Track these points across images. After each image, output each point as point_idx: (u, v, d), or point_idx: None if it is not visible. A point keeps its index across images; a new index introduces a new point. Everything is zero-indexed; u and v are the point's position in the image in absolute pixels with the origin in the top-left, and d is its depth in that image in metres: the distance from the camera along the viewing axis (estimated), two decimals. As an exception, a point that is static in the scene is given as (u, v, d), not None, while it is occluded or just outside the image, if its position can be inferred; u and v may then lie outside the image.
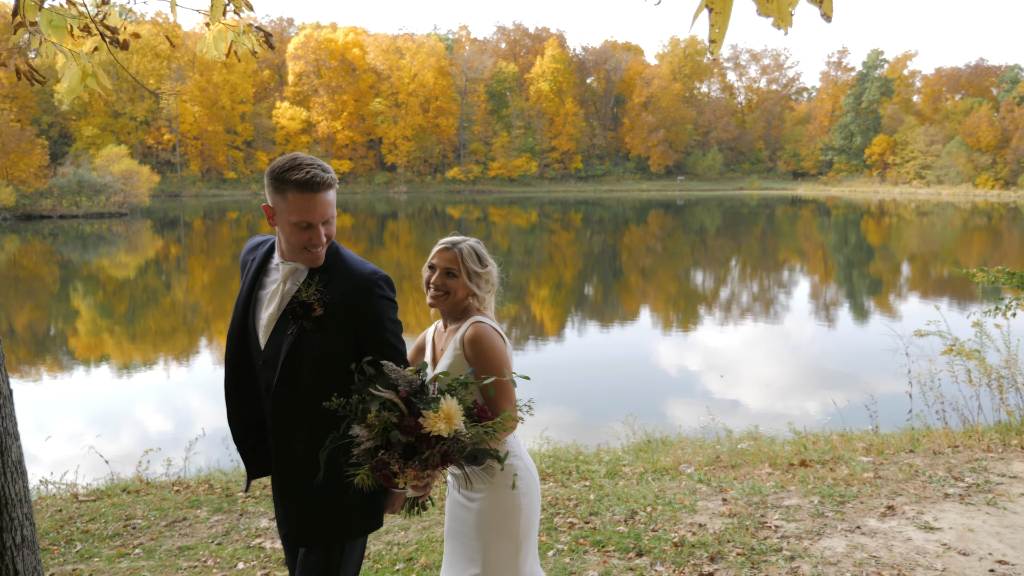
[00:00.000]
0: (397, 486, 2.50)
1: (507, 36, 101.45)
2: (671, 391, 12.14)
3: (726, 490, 5.48)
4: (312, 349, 2.56)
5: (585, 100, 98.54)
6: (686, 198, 79.17)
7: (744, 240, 41.58)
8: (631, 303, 22.31)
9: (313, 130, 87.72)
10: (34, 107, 72.50)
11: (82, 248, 37.80)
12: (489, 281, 3.02)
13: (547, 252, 36.38)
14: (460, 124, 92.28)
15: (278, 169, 2.48)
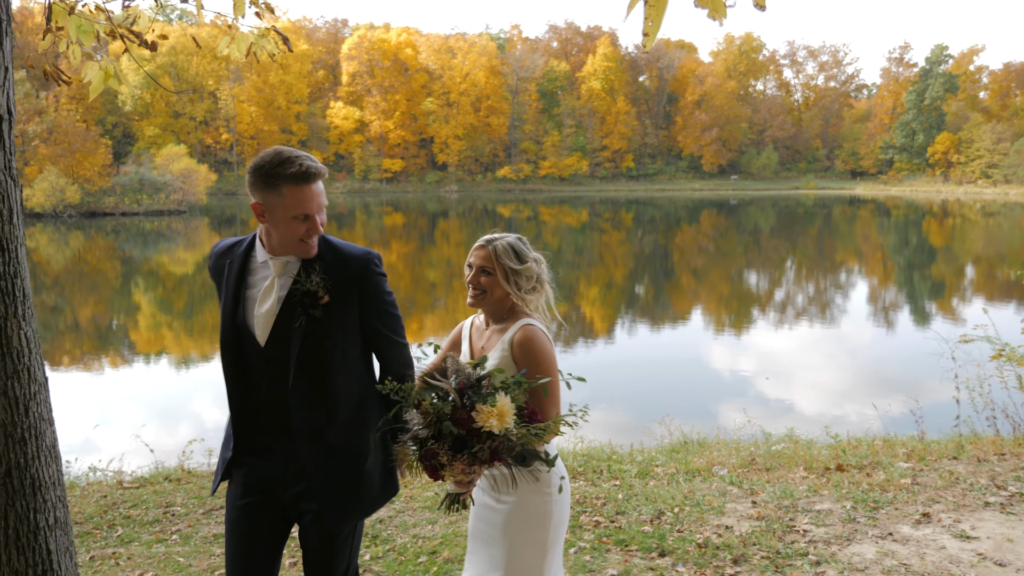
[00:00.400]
0: (442, 478, 2.51)
1: (559, 35, 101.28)
2: (717, 393, 11.99)
3: (757, 492, 5.40)
4: (327, 335, 2.62)
5: (637, 98, 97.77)
6: (739, 198, 77.93)
7: (799, 241, 40.73)
8: (682, 304, 22.07)
9: (366, 129, 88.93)
10: (99, 108, 75.13)
11: (143, 245, 38.99)
12: (530, 278, 2.92)
13: (597, 252, 36.22)
14: (511, 123, 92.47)
15: (268, 165, 2.48)
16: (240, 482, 2.76)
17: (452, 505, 2.68)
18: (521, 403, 2.56)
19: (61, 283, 26.62)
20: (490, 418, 2.43)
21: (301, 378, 2.62)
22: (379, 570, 4.50)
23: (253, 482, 2.73)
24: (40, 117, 51.98)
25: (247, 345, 2.66)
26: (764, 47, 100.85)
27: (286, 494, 2.74)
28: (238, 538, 2.74)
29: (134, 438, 7.67)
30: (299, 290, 2.58)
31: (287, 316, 2.60)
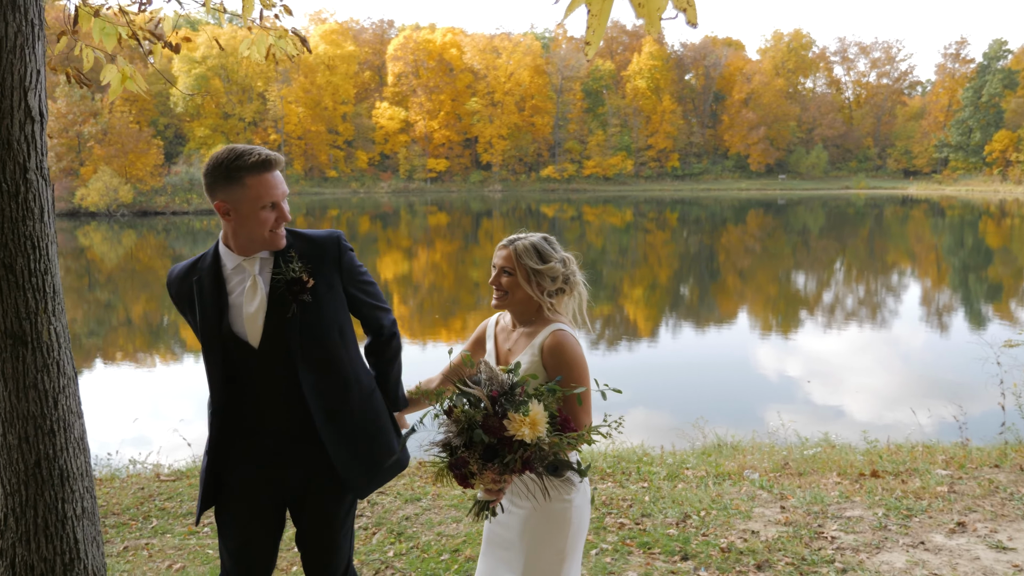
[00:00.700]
0: (472, 487, 2.48)
1: (604, 34, 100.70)
2: (760, 396, 11.81)
3: (787, 498, 5.31)
4: (320, 316, 2.65)
5: (683, 97, 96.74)
6: (787, 197, 76.56)
7: (850, 241, 39.84)
8: (728, 305, 21.79)
9: (411, 129, 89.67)
10: (152, 110, 77.18)
11: (192, 243, 39.88)
12: (555, 279, 2.83)
13: (642, 252, 35.97)
14: (555, 123, 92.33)
15: (226, 160, 2.49)
16: (236, 489, 2.75)
17: (481, 512, 2.65)
18: (554, 411, 2.52)
19: (114, 280, 27.41)
20: (522, 427, 2.40)
21: (307, 367, 2.63)
22: (401, 567, 4.53)
23: (251, 486, 2.73)
24: (95, 119, 53.55)
25: (237, 353, 2.64)
26: (814, 44, 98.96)
27: (288, 490, 2.76)
28: (241, 544, 2.78)
29: (173, 432, 7.85)
30: (283, 280, 2.59)
31: (277, 311, 2.61)
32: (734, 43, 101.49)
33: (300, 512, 2.81)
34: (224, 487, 2.75)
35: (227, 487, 2.75)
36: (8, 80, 3.25)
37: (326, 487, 2.75)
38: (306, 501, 2.77)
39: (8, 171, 3.29)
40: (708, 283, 26.30)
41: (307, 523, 2.81)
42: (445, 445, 2.48)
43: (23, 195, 3.33)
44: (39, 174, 3.41)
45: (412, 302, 22.60)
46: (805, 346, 15.48)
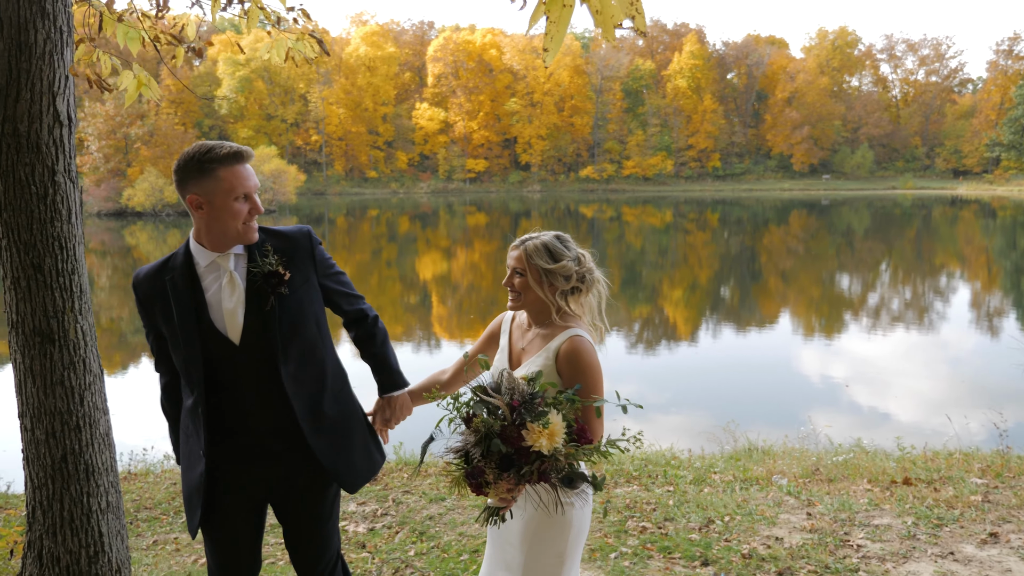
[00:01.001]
0: (486, 495, 2.46)
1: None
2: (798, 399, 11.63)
3: (814, 504, 5.21)
4: (298, 309, 2.66)
5: (724, 96, 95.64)
6: (832, 198, 75.21)
7: (896, 243, 38.97)
8: (769, 307, 21.48)
9: (450, 130, 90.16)
10: (197, 111, 78.82)
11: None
12: (568, 278, 2.76)
13: (681, 253, 35.66)
14: (595, 123, 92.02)
15: (198, 154, 2.51)
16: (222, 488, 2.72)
17: (490, 518, 2.63)
18: (572, 421, 2.48)
19: (159, 279, 27.92)
20: (540, 438, 2.37)
21: (287, 360, 2.62)
22: (421, 566, 4.55)
23: (235, 484, 2.71)
24: (142, 121, 54.83)
25: (216, 351, 2.61)
26: (860, 41, 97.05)
27: (271, 487, 2.75)
28: (229, 542, 2.78)
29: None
30: (260, 274, 2.60)
31: (256, 305, 2.60)
32: (777, 41, 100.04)
33: (285, 509, 2.82)
34: (210, 488, 2.73)
35: (213, 487, 2.73)
36: (38, 85, 3.35)
37: (309, 483, 2.75)
38: (289, 497, 2.78)
39: (37, 174, 3.39)
40: (749, 284, 25.95)
41: (293, 520, 2.82)
42: (461, 452, 2.46)
43: (51, 197, 3.43)
44: (67, 176, 3.50)
45: (450, 302, 22.72)
46: (848, 349, 15.19)
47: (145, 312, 2.67)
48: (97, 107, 50.47)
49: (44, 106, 3.37)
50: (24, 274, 3.42)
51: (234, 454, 2.68)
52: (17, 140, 3.34)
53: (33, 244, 3.41)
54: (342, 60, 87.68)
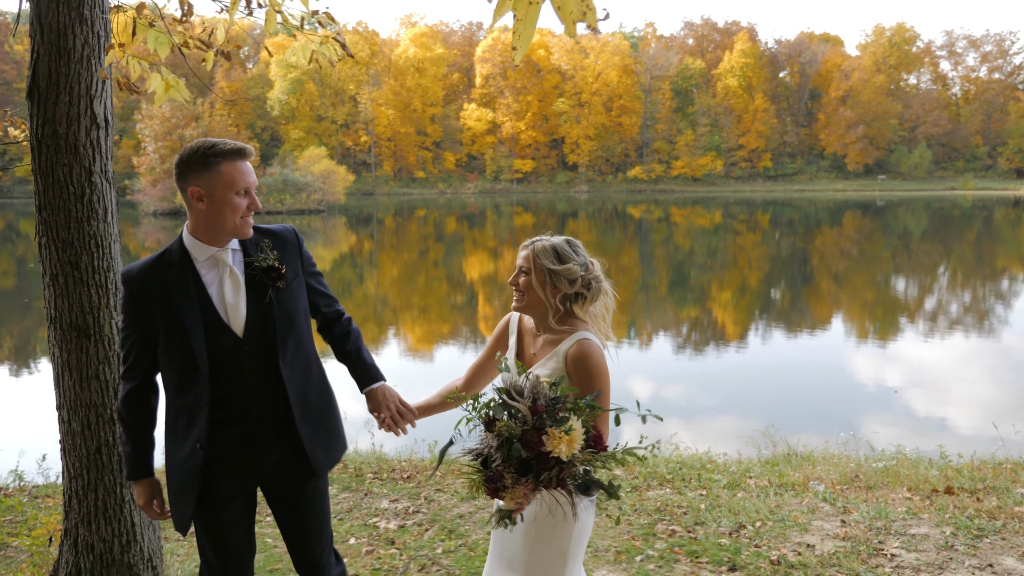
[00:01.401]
0: (502, 499, 2.45)
1: (694, 31, 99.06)
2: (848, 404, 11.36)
3: (849, 511, 5.09)
4: (291, 302, 2.77)
5: (776, 95, 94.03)
6: (887, 199, 73.34)
7: (955, 245, 37.81)
8: (821, 310, 21.04)
9: (498, 130, 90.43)
10: (249, 113, 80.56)
11: (286, 242, 41.27)
12: (572, 281, 2.75)
13: (731, 254, 35.17)
14: (643, 122, 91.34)
15: (201, 149, 2.59)
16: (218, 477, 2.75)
17: (502, 520, 2.61)
18: (590, 427, 2.47)
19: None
20: (560, 443, 2.35)
21: (283, 351, 2.71)
22: (448, 564, 4.58)
23: (231, 473, 2.75)
24: (196, 122, 56.20)
25: (220, 344, 2.66)
26: (918, 38, 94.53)
27: (263, 475, 2.79)
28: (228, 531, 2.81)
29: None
30: (259, 268, 2.69)
31: (255, 299, 2.69)
32: (832, 39, 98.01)
33: (279, 499, 2.88)
34: (205, 479, 2.75)
35: (210, 477, 2.76)
36: (76, 88, 3.46)
37: (299, 471, 2.82)
38: (282, 486, 2.84)
39: (75, 174, 3.50)
40: (800, 287, 25.45)
41: (288, 510, 2.88)
42: (480, 455, 2.45)
43: (88, 197, 3.54)
44: (103, 177, 3.61)
45: (497, 302, 22.79)
46: (902, 354, 14.79)
47: (136, 310, 2.67)
48: (154, 109, 51.87)
49: (82, 109, 3.48)
50: (62, 271, 3.54)
51: (230, 444, 2.72)
52: (56, 142, 3.46)
53: (70, 242, 3.52)
54: (391, 62, 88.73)
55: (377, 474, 6.52)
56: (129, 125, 72.98)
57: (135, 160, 57.80)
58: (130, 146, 72.30)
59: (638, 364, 14.40)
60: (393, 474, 6.51)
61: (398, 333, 17.90)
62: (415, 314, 21.11)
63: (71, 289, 3.55)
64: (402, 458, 7.11)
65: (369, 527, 5.30)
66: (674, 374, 13.55)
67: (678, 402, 11.73)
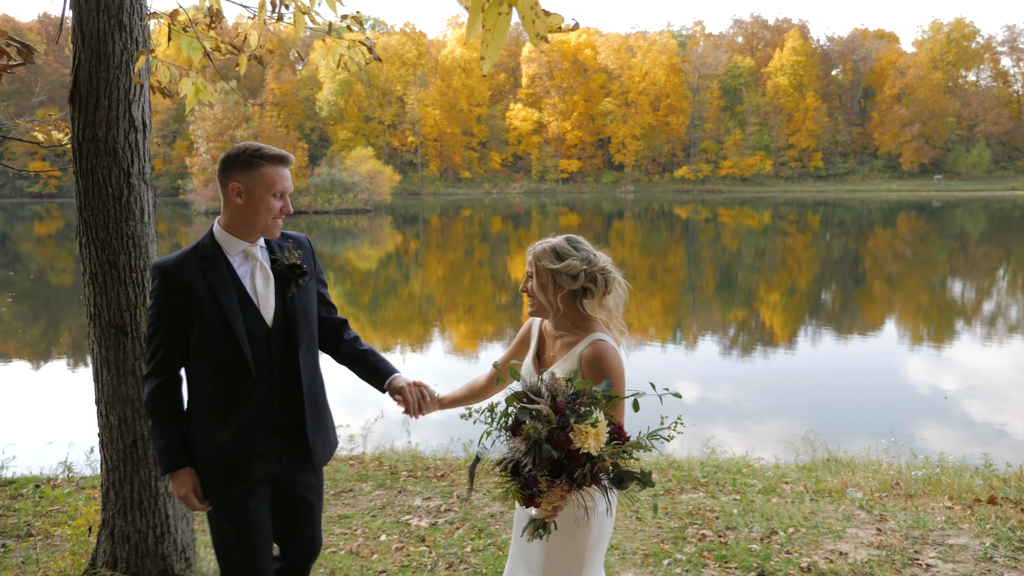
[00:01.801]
0: (538, 505, 2.41)
1: (744, 29, 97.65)
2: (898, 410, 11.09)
3: (886, 519, 4.97)
4: (308, 300, 2.96)
5: (828, 94, 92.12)
6: (944, 199, 71.30)
7: (1015, 247, 36.57)
8: (873, 313, 20.57)
9: (544, 130, 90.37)
10: (299, 114, 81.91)
11: (332, 241, 41.91)
12: (576, 277, 2.73)
13: (779, 255, 34.61)
14: (691, 122, 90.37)
15: (248, 150, 2.77)
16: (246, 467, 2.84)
17: (536, 531, 2.58)
18: (612, 418, 2.46)
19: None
20: (588, 438, 2.33)
21: (302, 343, 2.90)
22: (475, 562, 4.61)
23: (256, 463, 2.84)
24: (247, 123, 57.33)
25: (254, 332, 2.80)
26: (978, 34, 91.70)
27: (274, 467, 2.90)
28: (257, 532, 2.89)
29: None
30: (284, 265, 2.87)
31: (280, 292, 2.88)
32: (887, 35, 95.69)
33: (282, 492, 2.97)
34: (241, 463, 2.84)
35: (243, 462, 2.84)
36: (115, 93, 3.57)
37: (302, 464, 2.96)
38: (285, 479, 2.95)
39: (113, 176, 3.62)
40: (852, 289, 24.91)
41: (290, 504, 2.99)
42: (510, 464, 2.41)
43: (126, 198, 3.65)
44: (141, 179, 3.72)
45: (538, 302, 22.76)
46: (958, 360, 14.36)
47: (170, 302, 2.76)
48: (206, 110, 53.08)
49: (120, 112, 3.59)
50: (101, 270, 3.66)
51: (259, 431, 2.83)
52: (96, 144, 3.58)
53: (109, 242, 3.64)
54: (438, 62, 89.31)
55: (412, 472, 6.58)
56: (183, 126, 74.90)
57: (188, 160, 59.22)
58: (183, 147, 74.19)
59: (684, 366, 14.27)
60: (427, 472, 6.57)
61: (443, 332, 18.03)
62: (460, 313, 21.23)
63: (109, 287, 3.67)
64: (437, 457, 7.17)
65: (401, 524, 5.36)
66: (720, 376, 13.40)
67: (724, 404, 11.60)
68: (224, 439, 2.79)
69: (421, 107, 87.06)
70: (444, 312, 21.39)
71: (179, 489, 2.82)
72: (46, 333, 17.62)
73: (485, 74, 1.76)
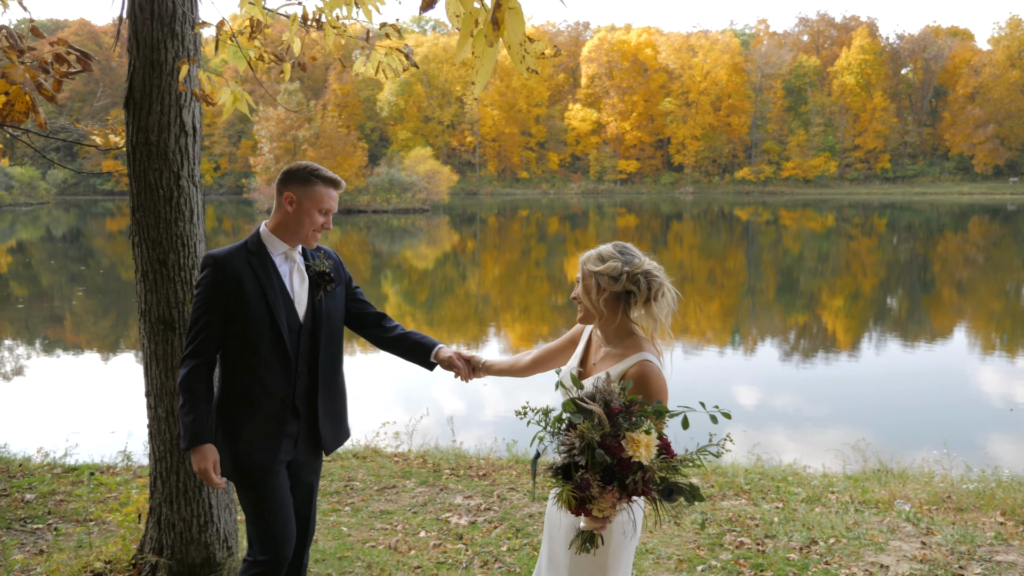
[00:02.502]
0: (589, 512, 2.42)
1: (810, 27, 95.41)
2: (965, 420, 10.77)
3: (933, 533, 4.84)
4: (334, 304, 3.31)
5: (897, 93, 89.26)
6: (1019, 203, 68.46)
7: (1095, 253, 35.05)
8: (942, 320, 19.94)
9: (602, 131, 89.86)
10: (360, 114, 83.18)
11: (390, 240, 42.50)
12: (617, 278, 2.74)
13: (843, 259, 33.78)
14: (753, 122, 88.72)
15: (306, 169, 3.14)
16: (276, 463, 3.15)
17: (584, 544, 2.60)
18: (661, 432, 2.47)
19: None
20: (639, 447, 2.34)
21: (322, 339, 3.23)
22: (510, 561, 4.65)
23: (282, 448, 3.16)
24: (309, 124, 58.52)
25: (290, 322, 3.15)
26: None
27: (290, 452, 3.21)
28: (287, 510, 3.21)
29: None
30: (315, 271, 3.23)
31: (312, 293, 3.23)
32: (960, 32, 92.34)
33: (292, 474, 3.28)
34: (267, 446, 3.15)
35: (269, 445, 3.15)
36: (167, 99, 3.73)
37: (309, 453, 3.30)
38: (297, 462, 3.27)
39: (164, 178, 3.78)
40: (919, 295, 24.17)
41: (296, 486, 3.29)
42: (562, 469, 2.45)
43: (176, 199, 3.81)
44: (191, 181, 3.87)
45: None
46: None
47: (219, 291, 3.05)
48: (270, 111, 54.39)
49: (172, 117, 3.75)
50: (151, 268, 3.83)
51: (285, 415, 3.17)
52: (148, 148, 3.74)
53: (159, 241, 3.80)
54: (497, 63, 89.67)
55: (454, 470, 6.67)
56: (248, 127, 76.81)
57: (251, 160, 60.74)
58: (248, 147, 76.08)
59: (742, 371, 14.09)
60: (470, 471, 6.65)
61: (498, 332, 18.13)
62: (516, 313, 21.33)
63: (159, 285, 3.83)
64: (480, 456, 7.24)
65: (440, 522, 5.44)
66: (780, 382, 13.20)
67: (784, 410, 11.44)
68: (259, 419, 3.11)
69: (480, 107, 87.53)
70: (500, 312, 21.51)
71: (199, 463, 3.05)
72: (115, 327, 18.33)
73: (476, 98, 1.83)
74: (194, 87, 3.76)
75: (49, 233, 47.17)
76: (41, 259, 33.61)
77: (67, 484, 6.19)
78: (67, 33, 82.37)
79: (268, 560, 3.12)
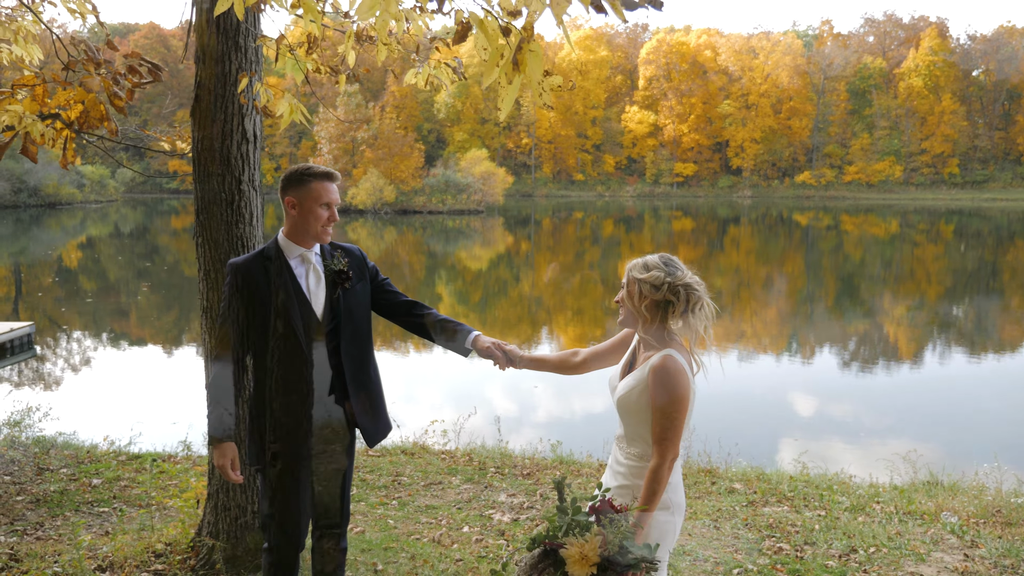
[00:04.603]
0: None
1: (876, 28, 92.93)
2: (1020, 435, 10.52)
3: (977, 546, 4.78)
4: (355, 300, 3.45)
5: (967, 96, 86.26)
6: (1097, 210, 65.66)
7: None
8: (1011, 330, 19.38)
9: (659, 133, 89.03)
10: (417, 116, 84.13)
11: (445, 241, 42.96)
12: (658, 287, 2.86)
13: (907, 266, 32.99)
14: (815, 125, 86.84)
15: (298, 171, 3.29)
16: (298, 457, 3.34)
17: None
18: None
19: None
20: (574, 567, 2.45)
21: (344, 335, 3.37)
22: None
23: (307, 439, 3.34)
24: (368, 125, 59.49)
25: (308, 321, 3.30)
26: None
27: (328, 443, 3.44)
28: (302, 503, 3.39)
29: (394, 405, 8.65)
30: (332, 270, 3.38)
31: (330, 292, 3.38)
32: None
33: (318, 466, 3.46)
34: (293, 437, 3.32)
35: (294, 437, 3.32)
36: (230, 108, 3.95)
37: (338, 441, 3.47)
38: (323, 455, 3.45)
39: (226, 183, 4.00)
40: (987, 305, 23.48)
41: (323, 478, 3.49)
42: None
43: (236, 203, 4.03)
44: (251, 186, 4.09)
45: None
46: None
47: (240, 295, 3.27)
48: (330, 112, 55.48)
49: (235, 126, 3.97)
50: (213, 267, 4.06)
51: (311, 407, 3.34)
52: (212, 154, 3.97)
53: (220, 242, 4.03)
54: (555, 65, 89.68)
55: (500, 469, 6.81)
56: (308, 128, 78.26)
57: (312, 160, 61.95)
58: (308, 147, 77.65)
59: (800, 378, 13.95)
60: (515, 470, 6.78)
61: (551, 334, 18.23)
62: (569, 316, 21.41)
63: (220, 284, 4.05)
64: (525, 456, 7.37)
65: (484, 518, 5.58)
66: (840, 390, 13.05)
67: (843, 420, 11.31)
68: (283, 413, 3.29)
69: (536, 109, 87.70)
70: (553, 314, 21.60)
71: (219, 459, 3.26)
72: (177, 321, 19.02)
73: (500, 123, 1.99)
74: (255, 99, 3.97)
75: (117, 230, 49.02)
76: (109, 255, 34.97)
77: (131, 471, 6.53)
78: (137, 37, 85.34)
79: (278, 547, 3.37)
